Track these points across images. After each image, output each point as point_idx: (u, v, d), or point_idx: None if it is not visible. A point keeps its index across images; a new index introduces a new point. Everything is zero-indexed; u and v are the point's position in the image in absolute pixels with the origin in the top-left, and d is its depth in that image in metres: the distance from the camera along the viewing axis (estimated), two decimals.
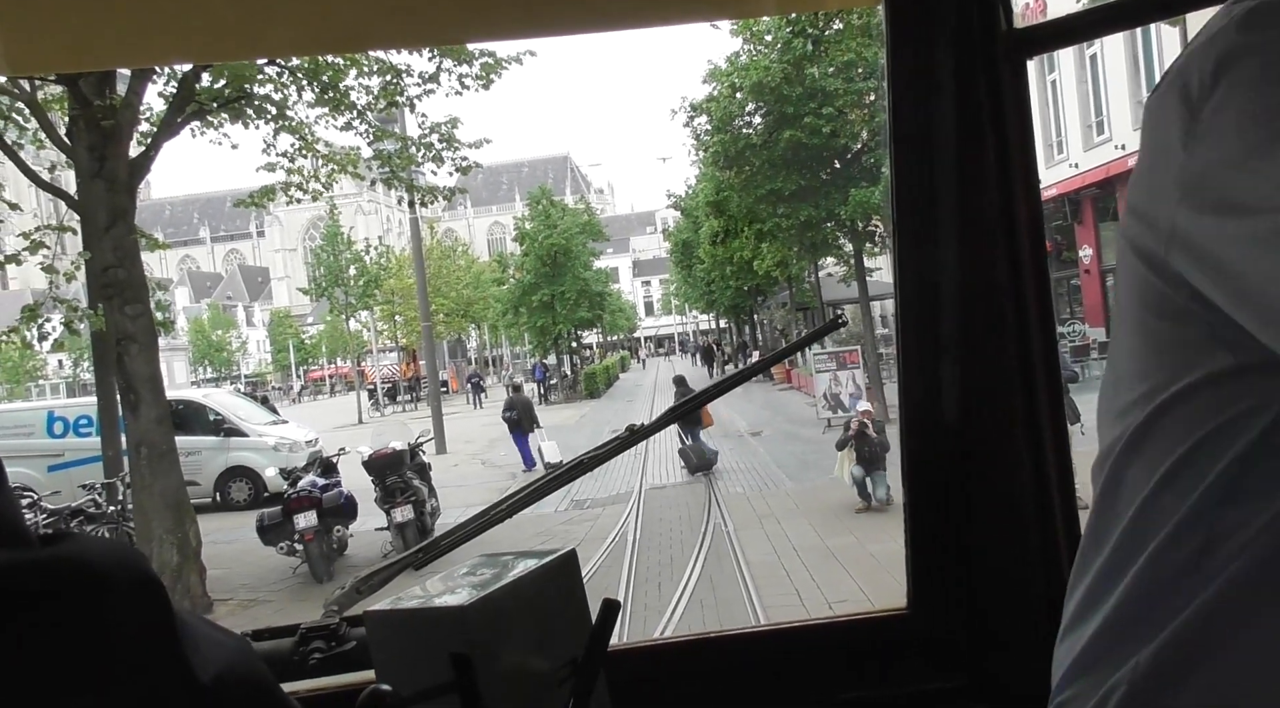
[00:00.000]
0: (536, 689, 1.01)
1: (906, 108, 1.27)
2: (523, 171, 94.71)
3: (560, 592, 1.08)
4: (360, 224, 68.33)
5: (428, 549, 1.23)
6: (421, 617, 1.00)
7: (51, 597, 0.41)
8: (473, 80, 10.61)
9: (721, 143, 18.79)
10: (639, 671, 1.24)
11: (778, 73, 17.38)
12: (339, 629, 1.14)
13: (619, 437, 1.30)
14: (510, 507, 1.26)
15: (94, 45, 1.69)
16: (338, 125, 10.59)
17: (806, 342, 4.54)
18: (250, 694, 0.49)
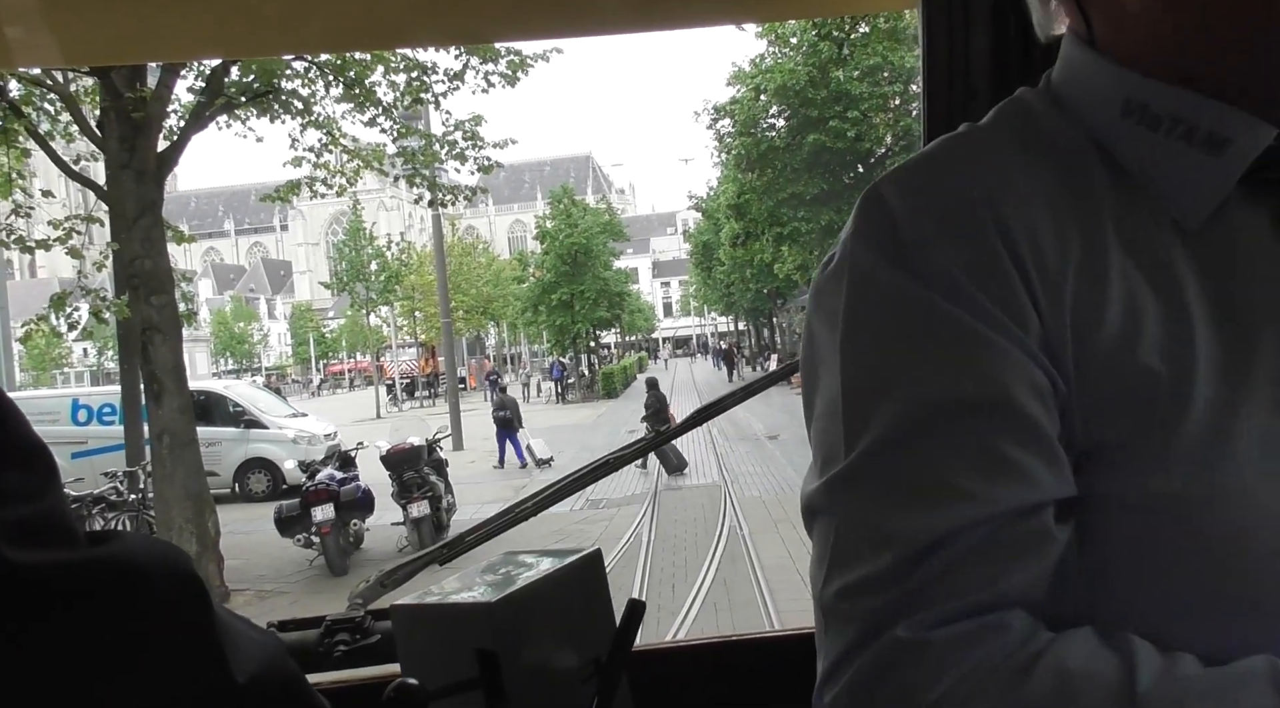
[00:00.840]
0: (560, 687, 1.01)
1: (940, 111, 1.26)
2: (545, 170, 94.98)
3: (584, 591, 1.08)
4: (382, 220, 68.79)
5: (452, 545, 1.23)
6: (448, 612, 1.00)
7: (97, 596, 0.42)
8: (499, 78, 10.65)
9: (744, 145, 18.79)
10: (660, 671, 1.24)
11: (803, 76, 17.36)
12: (364, 622, 1.15)
13: (645, 438, 1.30)
14: (535, 505, 1.27)
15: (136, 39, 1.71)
16: (363, 121, 10.65)
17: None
18: (284, 694, 0.50)
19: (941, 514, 0.55)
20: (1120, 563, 0.57)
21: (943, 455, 0.56)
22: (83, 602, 0.41)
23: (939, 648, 0.54)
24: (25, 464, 0.43)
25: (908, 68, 16.89)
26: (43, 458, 0.44)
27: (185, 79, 9.49)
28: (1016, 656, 0.53)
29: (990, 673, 0.53)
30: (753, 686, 1.27)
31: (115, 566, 0.43)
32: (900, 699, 0.55)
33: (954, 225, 0.60)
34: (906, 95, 18.03)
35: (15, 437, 0.43)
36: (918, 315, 0.59)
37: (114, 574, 0.43)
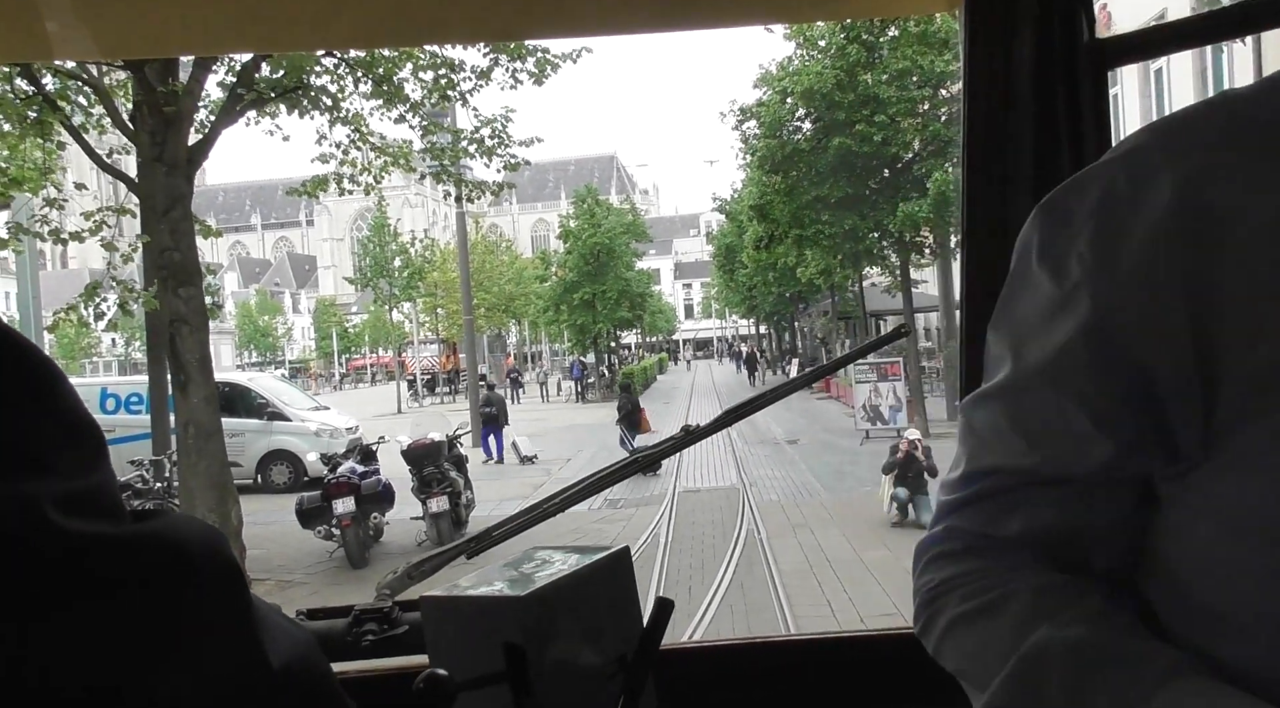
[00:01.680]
0: (586, 684, 1.01)
1: (980, 116, 1.25)
2: (569, 170, 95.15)
3: (612, 588, 1.08)
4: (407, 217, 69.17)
5: (480, 539, 1.24)
6: (476, 605, 1.00)
7: (141, 572, 0.42)
8: (526, 76, 10.68)
9: (769, 147, 18.72)
10: (686, 671, 1.23)
11: (830, 78, 17.28)
12: (391, 613, 1.15)
13: (673, 437, 1.29)
14: (563, 501, 1.27)
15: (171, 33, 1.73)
16: (391, 118, 10.72)
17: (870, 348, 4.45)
18: (313, 687, 0.50)
19: (989, 455, 0.71)
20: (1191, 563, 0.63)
21: (1020, 416, 0.68)
22: (126, 576, 0.42)
23: (940, 554, 0.75)
24: (75, 440, 0.43)
25: (937, 72, 16.77)
26: (92, 435, 0.44)
27: (216, 74, 9.60)
28: (985, 583, 0.69)
29: (951, 589, 0.72)
30: (777, 688, 1.27)
31: (160, 543, 0.44)
32: (926, 574, 0.76)
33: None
34: (935, 100, 17.90)
35: (66, 412, 0.43)
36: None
37: (158, 551, 0.43)
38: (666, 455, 1.30)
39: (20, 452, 0.40)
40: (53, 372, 0.43)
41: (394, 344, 43.74)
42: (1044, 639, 0.62)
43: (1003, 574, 0.69)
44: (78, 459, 0.42)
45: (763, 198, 20.36)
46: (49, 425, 0.42)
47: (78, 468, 0.42)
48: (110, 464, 0.45)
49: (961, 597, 0.70)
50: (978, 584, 0.70)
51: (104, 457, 0.44)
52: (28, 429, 0.41)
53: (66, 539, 0.39)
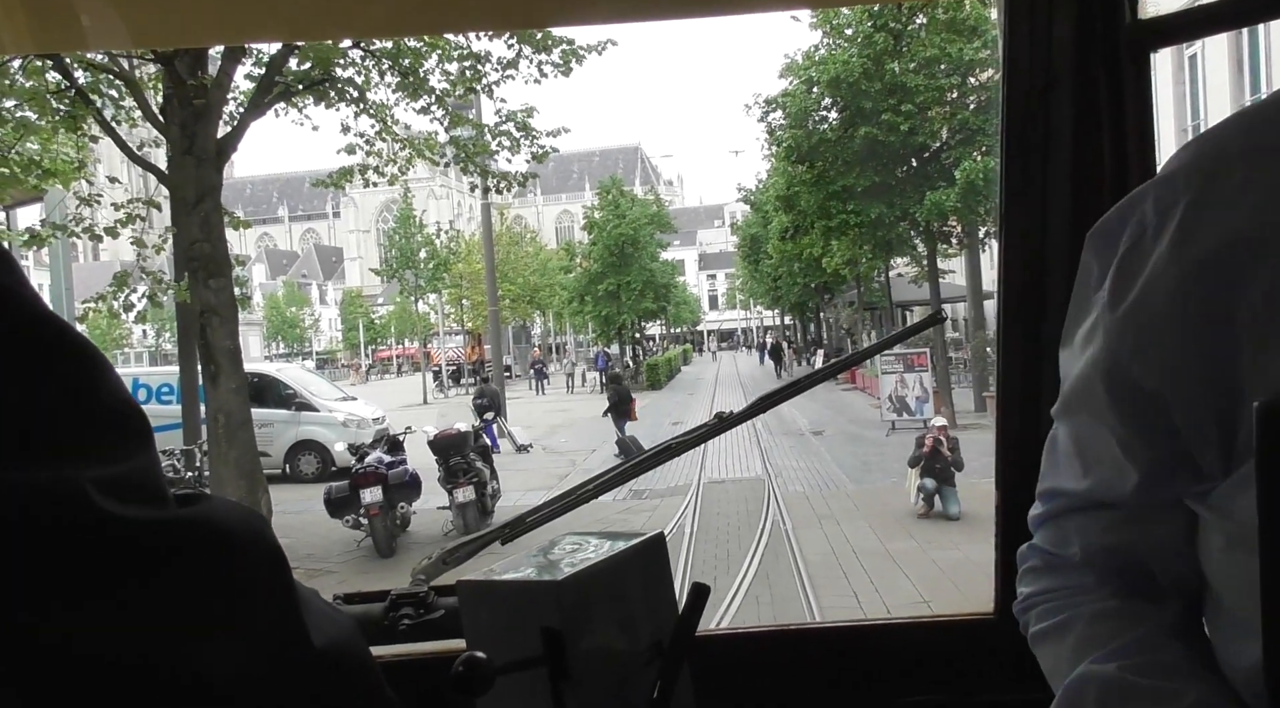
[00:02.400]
0: (622, 668, 1.01)
1: (1020, 100, 1.23)
2: (594, 161, 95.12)
3: (647, 573, 1.08)
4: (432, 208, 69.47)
5: (514, 525, 1.24)
6: (513, 589, 1.01)
7: (186, 555, 0.43)
8: (552, 68, 10.67)
9: (794, 137, 18.61)
10: (720, 657, 1.23)
11: (856, 67, 17.14)
12: (427, 597, 1.16)
13: (706, 424, 1.29)
14: (596, 488, 1.27)
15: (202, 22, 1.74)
16: (416, 109, 10.76)
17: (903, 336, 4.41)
18: (355, 668, 0.50)
19: (1054, 475, 0.77)
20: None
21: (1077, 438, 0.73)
22: (171, 560, 0.42)
23: (1028, 569, 0.81)
24: (119, 424, 0.43)
25: (966, 60, 16.58)
26: (136, 419, 0.44)
27: (244, 66, 9.67)
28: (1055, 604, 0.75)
29: (1033, 605, 0.78)
30: (809, 675, 1.26)
31: (204, 526, 0.44)
32: (1020, 586, 0.82)
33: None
34: (964, 88, 17.71)
35: (110, 397, 0.43)
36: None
37: (202, 534, 0.44)
38: (699, 442, 1.30)
39: (63, 436, 0.41)
40: (95, 356, 0.43)
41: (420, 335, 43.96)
42: (1086, 673, 0.67)
43: (1071, 597, 0.75)
44: (121, 443, 0.43)
45: (789, 188, 20.27)
46: (92, 410, 0.42)
47: (121, 452, 0.42)
48: (154, 449, 0.45)
49: (1038, 615, 0.77)
50: (1050, 604, 0.76)
51: (148, 441, 0.45)
52: (70, 414, 0.41)
53: (111, 522, 0.40)
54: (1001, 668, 1.26)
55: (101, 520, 0.39)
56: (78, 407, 0.42)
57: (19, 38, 1.85)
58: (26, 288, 0.42)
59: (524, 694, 0.96)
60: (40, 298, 0.43)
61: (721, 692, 1.10)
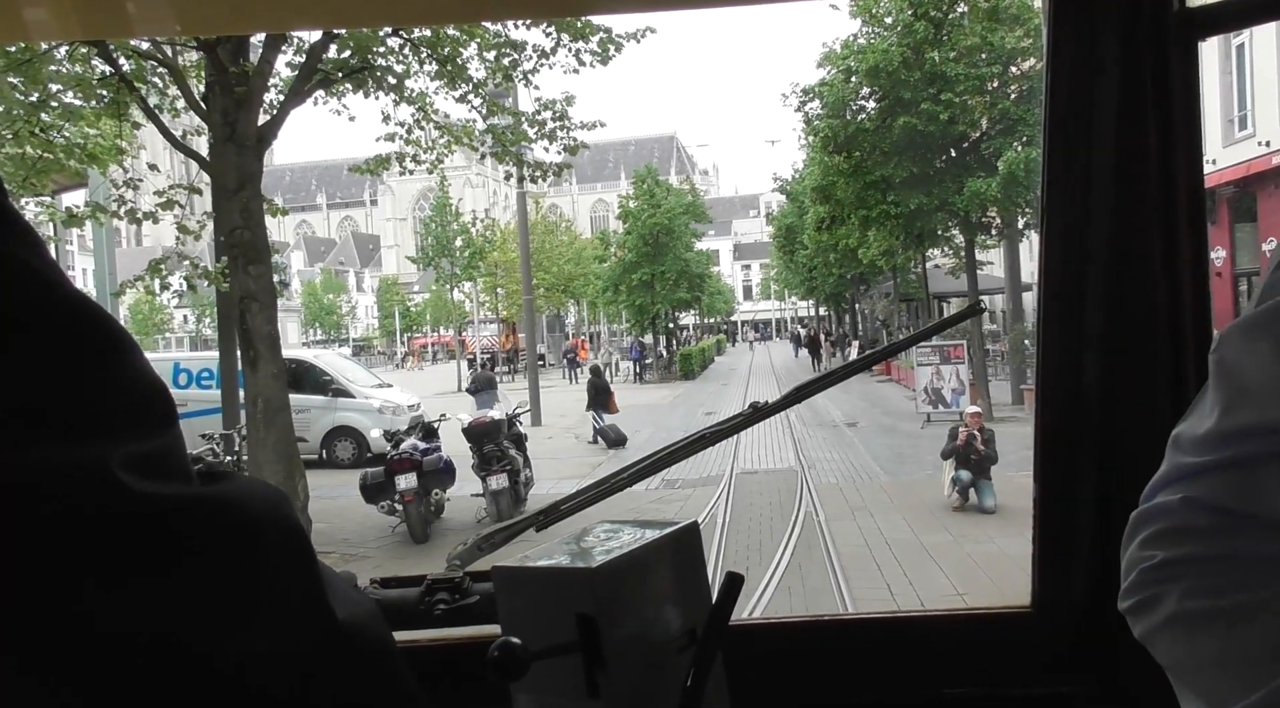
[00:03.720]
0: (656, 656, 1.01)
1: (1064, 88, 1.21)
2: (629, 150, 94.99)
3: (681, 562, 1.08)
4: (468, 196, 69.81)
5: (548, 512, 1.25)
6: (549, 575, 1.01)
7: (211, 532, 0.43)
8: (589, 56, 10.66)
9: (831, 127, 18.44)
10: (751, 646, 1.23)
11: (896, 56, 16.93)
12: (462, 583, 1.17)
13: (742, 413, 1.29)
14: (631, 476, 1.27)
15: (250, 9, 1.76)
16: (454, 97, 10.80)
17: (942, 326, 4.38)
18: (377, 650, 0.50)
19: (1254, 408, 0.60)
20: None
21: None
22: (194, 536, 0.42)
23: (1163, 530, 0.66)
24: (144, 402, 0.44)
25: (1008, 49, 16.31)
26: (161, 398, 0.45)
27: (285, 54, 9.77)
28: (1230, 578, 0.59)
29: (1181, 575, 0.62)
30: (844, 665, 1.26)
31: (226, 503, 0.44)
32: (1149, 548, 0.67)
33: None
34: (1005, 77, 17.43)
35: (134, 376, 0.44)
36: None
37: (225, 512, 0.44)
38: (735, 431, 1.29)
39: (88, 414, 0.41)
40: (120, 336, 0.44)
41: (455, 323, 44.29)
42: None
43: (1257, 570, 0.56)
44: (146, 422, 0.43)
45: (825, 178, 20.09)
46: (116, 389, 0.43)
47: (146, 431, 0.43)
48: (179, 428, 0.45)
49: (1193, 589, 0.59)
50: (1219, 579, 0.58)
51: (172, 420, 0.45)
52: (95, 393, 0.42)
53: (134, 500, 0.40)
54: (1038, 662, 1.25)
55: (126, 499, 0.40)
56: (102, 386, 0.42)
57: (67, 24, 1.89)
58: (52, 268, 0.42)
59: (558, 679, 0.97)
60: (66, 278, 0.43)
61: (755, 681, 1.10)
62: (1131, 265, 1.20)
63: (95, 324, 0.43)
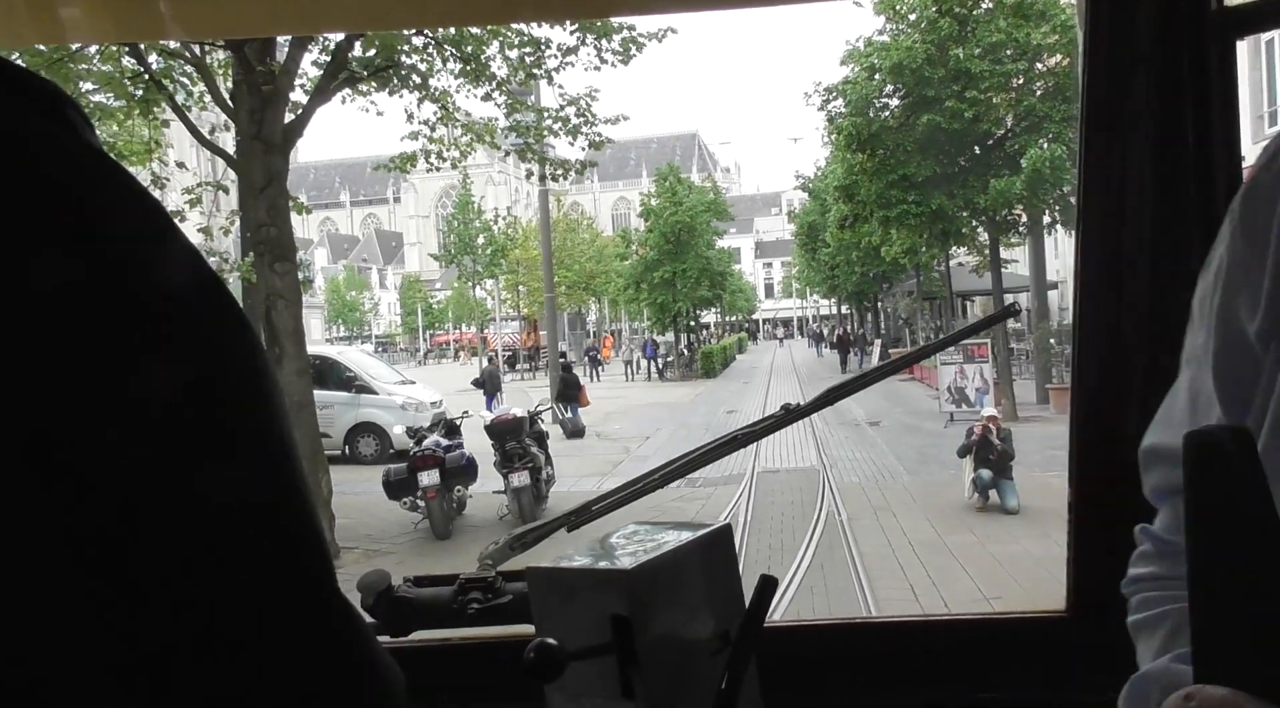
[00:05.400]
0: (689, 658, 1.02)
1: (1101, 86, 1.20)
2: (651, 147, 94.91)
3: (714, 564, 1.08)
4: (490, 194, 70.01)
5: (579, 513, 1.25)
6: (583, 577, 1.02)
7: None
8: (611, 55, 10.67)
9: (855, 125, 18.35)
10: (782, 648, 1.23)
11: (920, 53, 16.82)
12: (495, 582, 1.17)
13: (774, 415, 1.29)
14: (662, 478, 1.27)
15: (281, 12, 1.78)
16: (477, 95, 10.85)
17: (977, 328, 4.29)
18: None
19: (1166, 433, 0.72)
20: None
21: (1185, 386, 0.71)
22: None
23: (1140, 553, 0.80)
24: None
25: (1034, 45, 16.16)
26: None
27: (311, 53, 9.84)
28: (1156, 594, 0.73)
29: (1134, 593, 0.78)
30: (875, 669, 1.25)
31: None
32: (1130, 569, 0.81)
33: None
34: (1030, 74, 17.28)
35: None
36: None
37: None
38: (767, 433, 1.29)
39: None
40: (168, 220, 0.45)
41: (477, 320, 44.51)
42: (1160, 670, 0.64)
43: (1177, 588, 0.67)
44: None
45: (848, 177, 20.00)
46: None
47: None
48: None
49: (1138, 604, 0.74)
50: (1153, 593, 0.72)
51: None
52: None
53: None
54: (1075, 667, 1.24)
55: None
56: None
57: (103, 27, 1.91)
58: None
59: (592, 679, 0.97)
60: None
61: (787, 683, 1.10)
62: (1169, 266, 1.19)
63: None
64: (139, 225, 0.43)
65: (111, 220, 0.42)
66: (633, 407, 23.39)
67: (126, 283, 0.41)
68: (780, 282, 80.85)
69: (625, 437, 17.66)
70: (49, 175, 0.41)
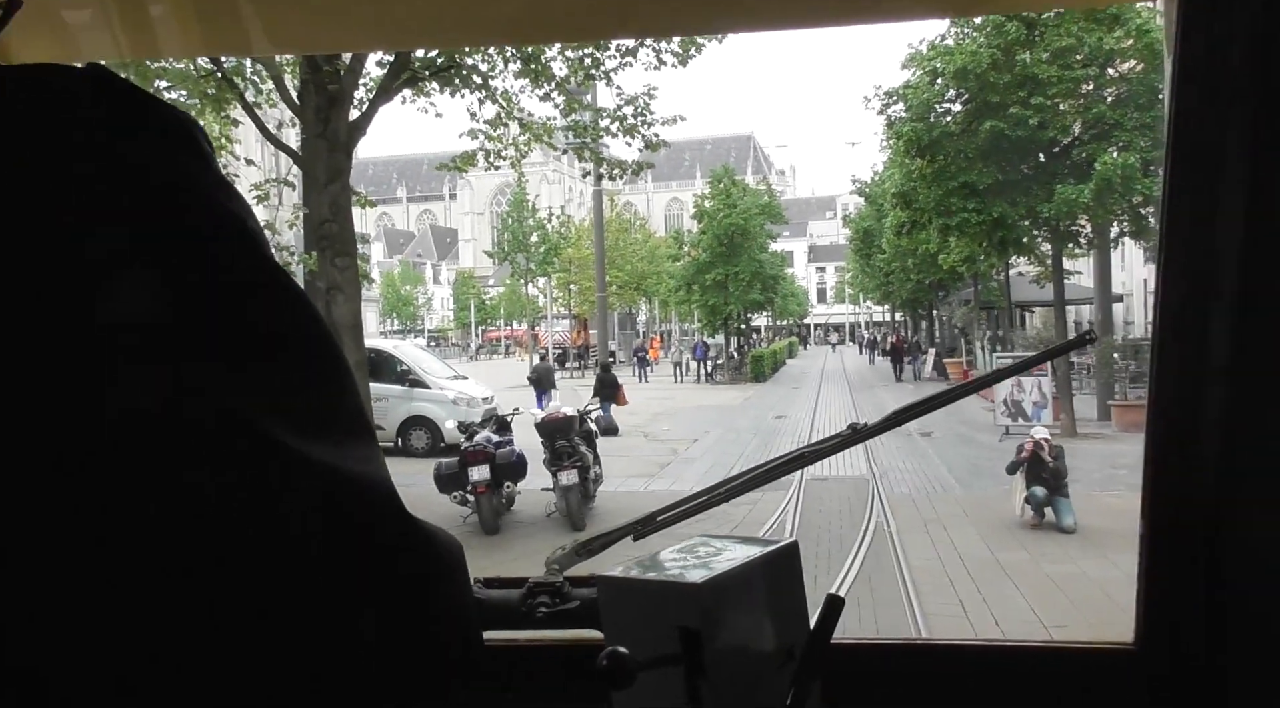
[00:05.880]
0: (755, 672, 1.03)
1: (1190, 103, 1.17)
2: (706, 149, 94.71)
3: (781, 580, 1.09)
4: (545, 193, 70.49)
5: (645, 522, 1.27)
6: (653, 588, 1.03)
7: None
8: (670, 56, 10.69)
9: (915, 131, 18.10)
10: (845, 666, 1.23)
11: (985, 58, 16.53)
12: (562, 587, 1.19)
13: (840, 434, 1.29)
14: (728, 491, 1.28)
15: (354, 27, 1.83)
16: (537, 95, 10.94)
17: (1050, 355, 4.18)
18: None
19: None
20: None
21: None
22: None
23: None
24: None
25: (1105, 50, 15.78)
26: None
27: (375, 53, 10.01)
28: None
29: None
30: (937, 693, 1.25)
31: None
32: None
33: None
34: (1101, 80, 16.88)
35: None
36: None
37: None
38: (832, 452, 1.29)
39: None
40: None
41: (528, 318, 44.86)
42: None
43: None
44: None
45: (906, 183, 19.74)
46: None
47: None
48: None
49: None
50: None
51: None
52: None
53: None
54: (1139, 703, 1.22)
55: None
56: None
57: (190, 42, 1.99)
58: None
59: (658, 689, 0.98)
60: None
61: (849, 699, 1.10)
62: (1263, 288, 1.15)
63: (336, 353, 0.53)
64: (247, 258, 0.51)
65: (217, 247, 0.49)
66: (681, 408, 23.38)
67: (236, 307, 0.48)
68: (833, 287, 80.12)
69: (673, 438, 17.65)
70: (174, 205, 0.48)
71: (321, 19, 1.73)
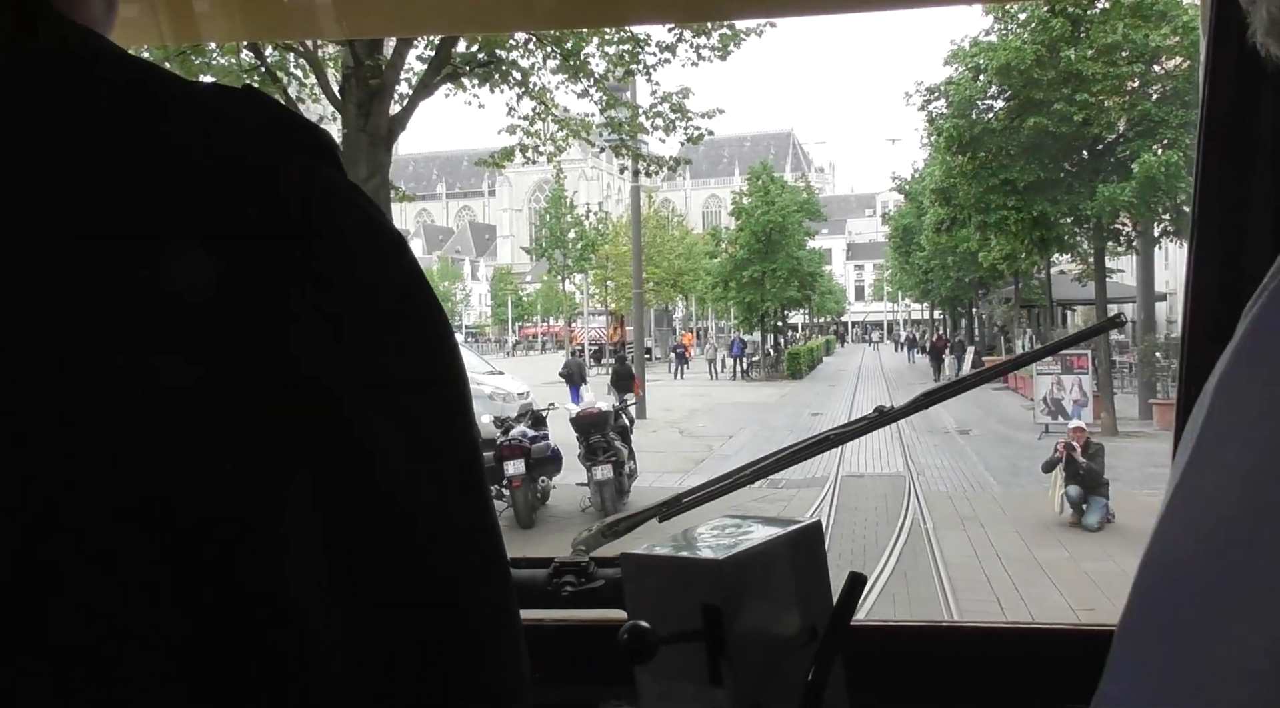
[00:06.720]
0: (777, 649, 1.04)
1: (1225, 99, 1.17)
2: (744, 146, 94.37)
3: (803, 560, 1.10)
4: (582, 189, 70.70)
5: (671, 504, 1.28)
6: (676, 565, 1.05)
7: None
8: (709, 51, 10.67)
9: (956, 127, 17.89)
10: (868, 647, 1.24)
11: (1029, 54, 16.29)
12: (588, 567, 1.21)
13: (866, 417, 1.29)
14: (753, 473, 1.29)
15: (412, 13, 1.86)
16: (575, 92, 10.98)
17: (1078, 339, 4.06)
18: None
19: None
20: None
21: None
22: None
23: None
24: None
25: (1152, 47, 15.48)
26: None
27: (416, 48, 10.12)
28: None
29: None
30: (963, 676, 1.25)
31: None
32: None
33: None
34: (1147, 76, 16.57)
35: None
36: None
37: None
38: (859, 435, 1.30)
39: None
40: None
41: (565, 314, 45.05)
42: None
43: None
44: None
45: (947, 180, 19.53)
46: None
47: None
48: None
49: None
50: None
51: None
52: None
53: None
54: None
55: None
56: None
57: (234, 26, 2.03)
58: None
59: (681, 665, 1.00)
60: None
61: (872, 682, 1.11)
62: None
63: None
64: (376, 251, 0.51)
65: (350, 244, 0.50)
66: (717, 405, 23.35)
67: (365, 302, 0.49)
68: (871, 284, 79.49)
69: (708, 435, 17.64)
70: (302, 202, 0.49)
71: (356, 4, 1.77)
